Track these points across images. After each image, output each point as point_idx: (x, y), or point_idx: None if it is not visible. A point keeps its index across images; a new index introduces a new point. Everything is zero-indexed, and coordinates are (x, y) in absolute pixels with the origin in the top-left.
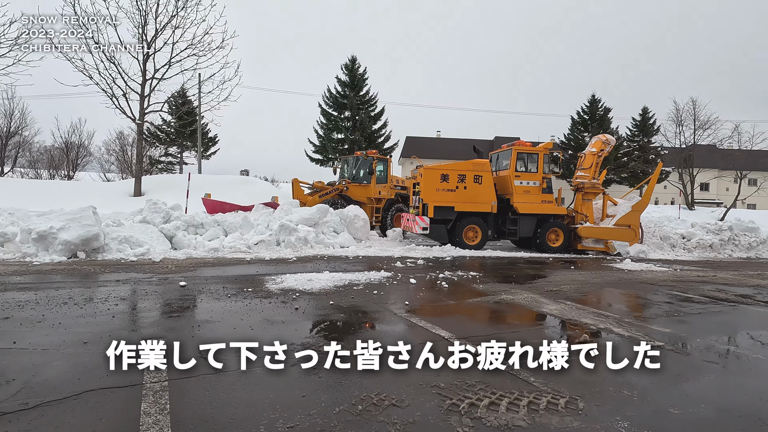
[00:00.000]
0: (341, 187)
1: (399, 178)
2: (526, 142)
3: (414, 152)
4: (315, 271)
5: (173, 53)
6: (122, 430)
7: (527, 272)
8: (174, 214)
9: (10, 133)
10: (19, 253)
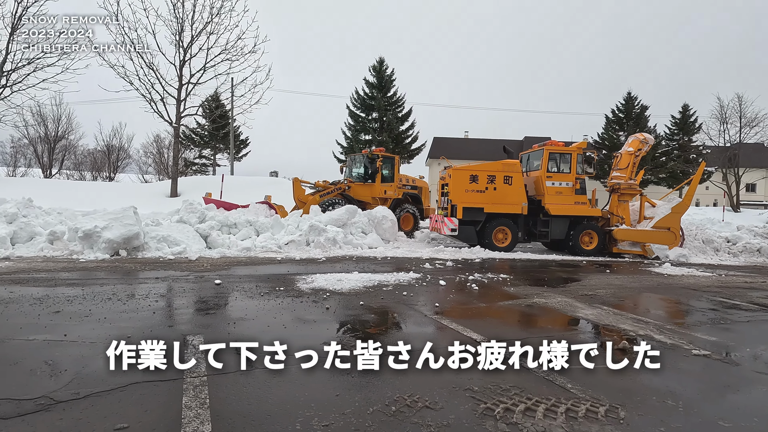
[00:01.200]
0: (343, 187)
1: (410, 178)
2: (558, 142)
3: (441, 153)
4: (344, 272)
5: (208, 58)
6: (166, 421)
7: (560, 275)
8: (209, 214)
9: (57, 137)
10: (67, 250)
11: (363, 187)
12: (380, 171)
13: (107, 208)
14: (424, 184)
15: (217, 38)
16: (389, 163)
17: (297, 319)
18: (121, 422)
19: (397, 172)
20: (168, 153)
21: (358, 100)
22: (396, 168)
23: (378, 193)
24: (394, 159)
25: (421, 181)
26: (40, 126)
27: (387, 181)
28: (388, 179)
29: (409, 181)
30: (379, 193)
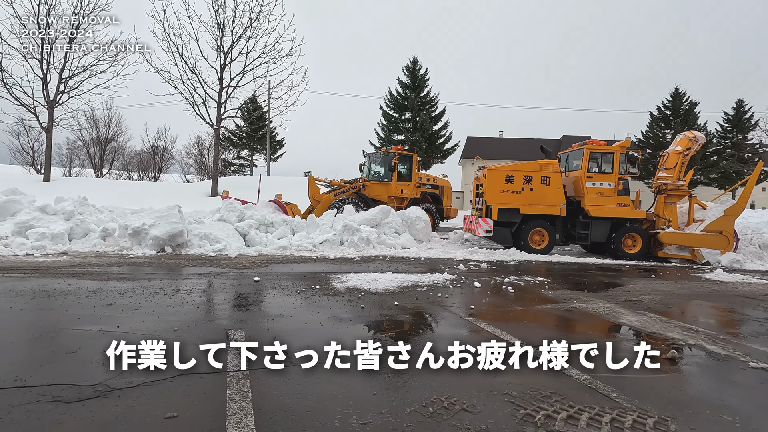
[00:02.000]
0: (358, 185)
1: (431, 176)
2: (599, 141)
3: (475, 153)
4: (378, 272)
5: (247, 62)
6: (211, 412)
7: (601, 280)
8: (247, 213)
9: (108, 139)
10: (118, 246)
11: (379, 186)
12: (396, 169)
13: (153, 206)
14: (446, 183)
15: (255, 42)
16: (407, 162)
17: (333, 318)
18: (170, 411)
19: (415, 170)
20: (208, 154)
21: (391, 101)
22: (414, 166)
23: (394, 192)
24: (411, 157)
25: (443, 180)
26: (92, 129)
27: (404, 180)
28: (406, 178)
29: (430, 180)
30: (395, 192)
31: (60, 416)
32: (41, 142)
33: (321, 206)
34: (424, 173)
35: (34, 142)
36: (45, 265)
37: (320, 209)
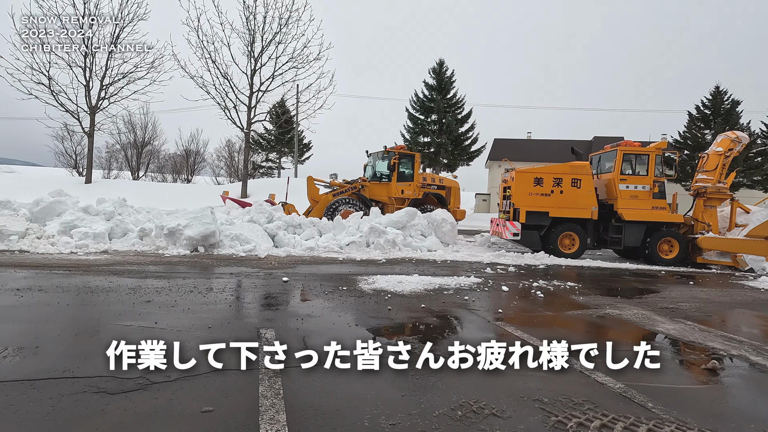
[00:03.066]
0: (357, 186)
1: (437, 177)
2: (633, 142)
3: (502, 155)
4: (404, 274)
5: (276, 67)
6: (245, 408)
7: (635, 286)
8: (276, 215)
9: (144, 143)
10: (154, 245)
11: (379, 186)
12: (396, 169)
13: (187, 207)
14: (453, 184)
15: (284, 47)
16: (408, 162)
17: (360, 319)
18: (206, 405)
19: (417, 170)
20: (238, 157)
21: (417, 103)
22: (416, 166)
23: (394, 192)
24: (413, 157)
25: (451, 181)
26: (130, 133)
27: (406, 180)
28: (408, 178)
29: (435, 181)
30: (395, 192)
31: (105, 406)
32: (83, 146)
33: (319, 207)
34: (430, 173)
35: (77, 146)
36: (88, 263)
37: (318, 210)
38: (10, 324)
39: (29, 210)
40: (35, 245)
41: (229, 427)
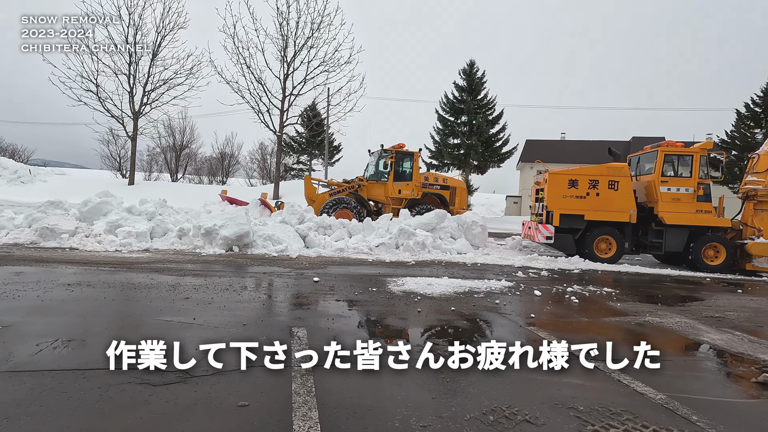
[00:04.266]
0: (354, 185)
1: (440, 176)
2: (675, 142)
3: (535, 156)
4: (434, 276)
5: (308, 71)
6: (278, 404)
7: (677, 293)
8: (307, 216)
9: (182, 146)
10: (192, 244)
11: (376, 186)
12: (393, 168)
13: (223, 209)
14: (458, 184)
15: (316, 51)
16: (407, 160)
17: (390, 321)
18: (242, 400)
19: (416, 169)
20: (271, 159)
21: (447, 104)
22: (415, 165)
23: (391, 192)
24: (413, 155)
25: (456, 181)
26: (169, 137)
27: (404, 179)
28: (407, 177)
29: (439, 180)
30: (392, 192)
31: (148, 397)
32: (126, 150)
33: (315, 206)
34: (433, 173)
35: (121, 150)
36: (131, 261)
37: (314, 209)
38: (62, 317)
39: (78, 210)
40: (83, 243)
41: (264, 422)
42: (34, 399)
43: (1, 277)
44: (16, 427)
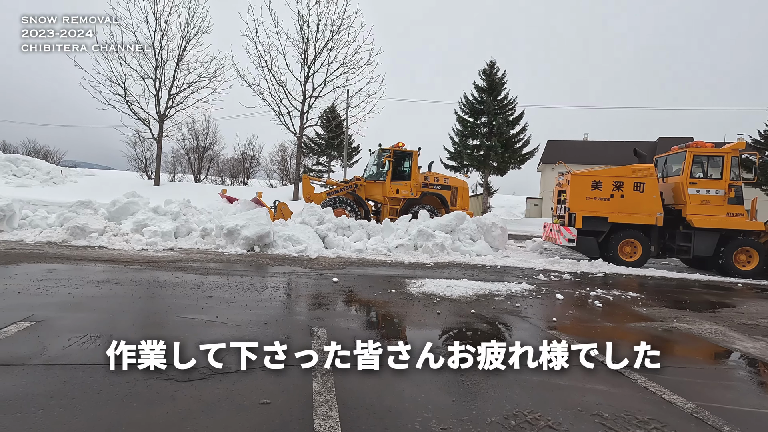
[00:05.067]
0: (352, 185)
1: (441, 176)
2: (704, 143)
3: (557, 157)
4: (453, 278)
5: (328, 73)
6: (300, 402)
7: (706, 299)
8: (326, 216)
9: (205, 148)
10: (214, 244)
11: (374, 186)
12: (390, 167)
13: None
14: (460, 184)
15: (336, 54)
16: (406, 160)
17: (409, 322)
18: (264, 398)
19: (415, 169)
20: (290, 161)
21: (466, 105)
22: (414, 165)
23: (389, 192)
24: (411, 155)
25: (458, 181)
26: (193, 139)
27: (403, 179)
28: (405, 177)
29: (440, 180)
30: (390, 192)
31: (174, 393)
32: (152, 151)
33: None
34: (434, 173)
35: (146, 151)
36: (156, 259)
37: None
38: (92, 313)
39: (107, 210)
40: (112, 242)
41: (285, 420)
42: (66, 392)
43: (35, 274)
44: (50, 418)
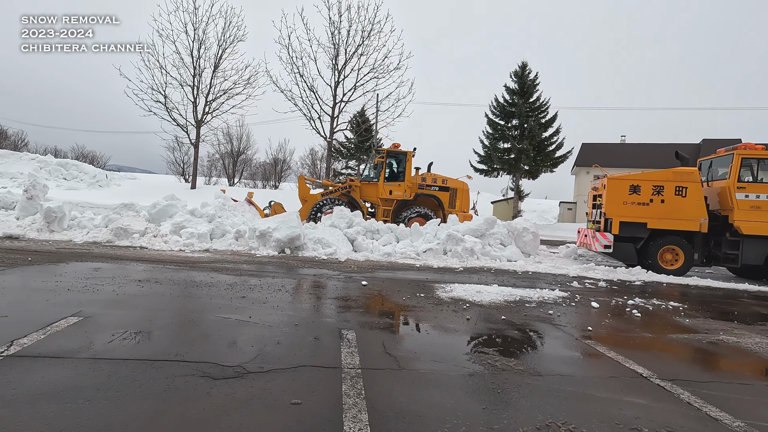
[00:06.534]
0: (346, 186)
1: (439, 177)
2: (755, 145)
3: (592, 160)
4: (483, 283)
5: (358, 78)
6: (329, 404)
7: (756, 310)
8: (355, 220)
9: (239, 152)
10: (247, 246)
11: (369, 187)
12: (384, 168)
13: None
14: (460, 185)
15: (366, 59)
16: (399, 161)
17: (438, 327)
18: (295, 398)
19: (409, 170)
20: (321, 164)
21: (497, 108)
22: (408, 165)
23: (382, 193)
24: (405, 155)
25: (458, 182)
26: (227, 144)
27: (396, 180)
28: (398, 178)
29: (438, 181)
30: (383, 193)
31: (209, 390)
32: (189, 156)
33: (307, 206)
34: (432, 173)
35: (184, 156)
36: (193, 260)
37: (305, 210)
38: (133, 310)
39: (148, 212)
40: (152, 242)
41: (315, 421)
42: (111, 385)
43: (83, 272)
44: (96, 409)
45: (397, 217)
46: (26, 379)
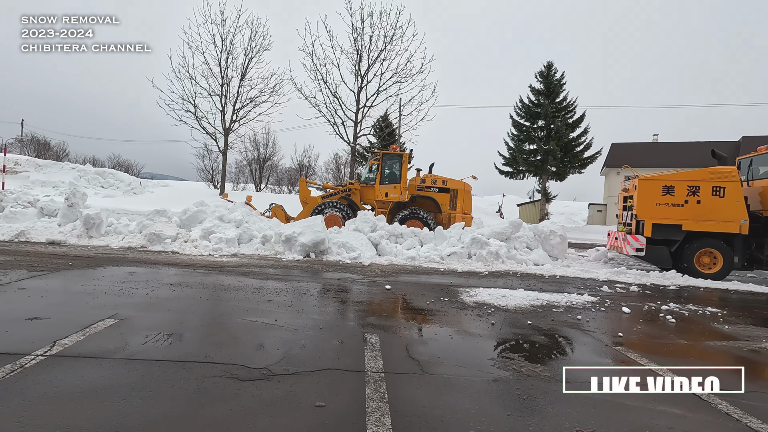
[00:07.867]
0: (346, 189)
1: (440, 178)
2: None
3: (622, 161)
4: (508, 288)
5: (381, 83)
6: (353, 407)
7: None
8: (379, 224)
9: (265, 158)
10: (273, 250)
11: (368, 189)
12: (380, 170)
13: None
14: (461, 187)
15: (389, 63)
16: (395, 162)
17: (462, 332)
18: (319, 401)
19: (404, 171)
20: (344, 169)
21: (522, 109)
22: (404, 167)
23: (378, 195)
24: (401, 157)
25: (459, 183)
26: (254, 150)
27: (392, 182)
28: (394, 180)
29: (437, 183)
30: (379, 195)
31: (237, 391)
32: (218, 163)
33: (307, 209)
34: (432, 175)
35: (213, 163)
36: (221, 264)
37: (305, 212)
38: (165, 313)
39: (179, 218)
40: (183, 247)
41: (339, 424)
42: (144, 384)
43: (119, 276)
44: (130, 407)
45: (392, 219)
46: (68, 378)
